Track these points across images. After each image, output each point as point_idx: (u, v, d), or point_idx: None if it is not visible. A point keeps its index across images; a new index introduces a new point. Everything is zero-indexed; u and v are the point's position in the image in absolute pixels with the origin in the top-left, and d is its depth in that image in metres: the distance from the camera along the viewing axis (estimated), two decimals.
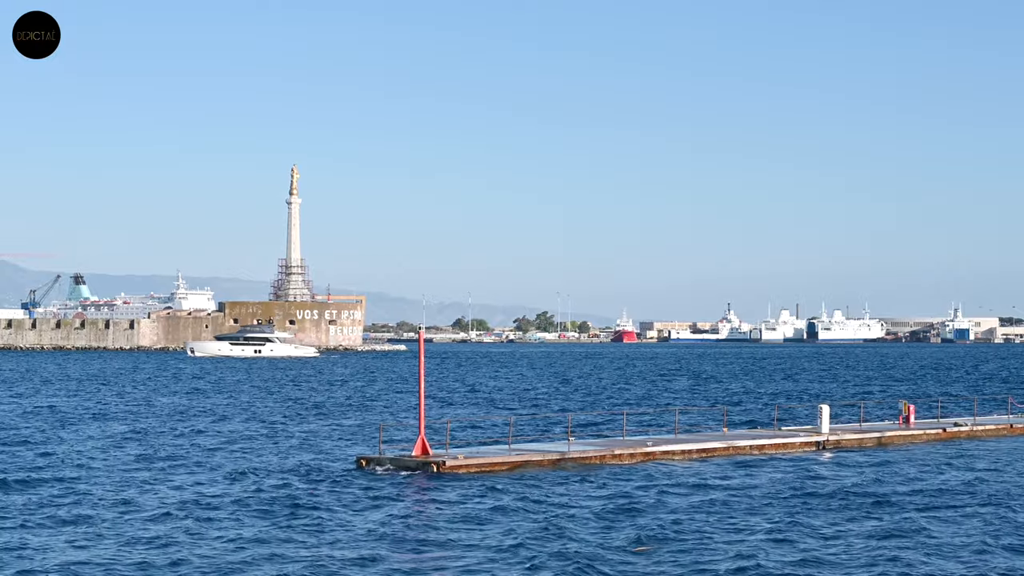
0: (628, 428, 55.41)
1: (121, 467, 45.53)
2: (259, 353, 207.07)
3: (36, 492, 38.68)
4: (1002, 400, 77.91)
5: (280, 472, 43.66)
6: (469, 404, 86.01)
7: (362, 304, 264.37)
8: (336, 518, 33.78)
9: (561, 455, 45.84)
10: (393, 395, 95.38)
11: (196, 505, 35.94)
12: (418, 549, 29.49)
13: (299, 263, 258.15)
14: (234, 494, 38.15)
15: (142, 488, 39.60)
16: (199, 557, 28.38)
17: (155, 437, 57.77)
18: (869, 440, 54.72)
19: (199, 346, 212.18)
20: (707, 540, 30.70)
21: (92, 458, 48.43)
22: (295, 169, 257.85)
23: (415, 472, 42.57)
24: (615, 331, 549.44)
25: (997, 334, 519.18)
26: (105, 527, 32.35)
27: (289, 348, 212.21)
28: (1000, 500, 37.90)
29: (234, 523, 32.97)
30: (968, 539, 31.17)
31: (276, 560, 28.05)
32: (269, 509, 35.26)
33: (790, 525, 32.95)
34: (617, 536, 31.23)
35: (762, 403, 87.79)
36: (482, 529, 32.07)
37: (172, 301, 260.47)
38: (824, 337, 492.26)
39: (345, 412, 75.57)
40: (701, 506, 36.20)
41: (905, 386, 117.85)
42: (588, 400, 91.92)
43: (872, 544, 30.35)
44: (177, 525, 32.59)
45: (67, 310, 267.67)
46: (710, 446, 50.02)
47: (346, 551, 29.15)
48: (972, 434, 58.69)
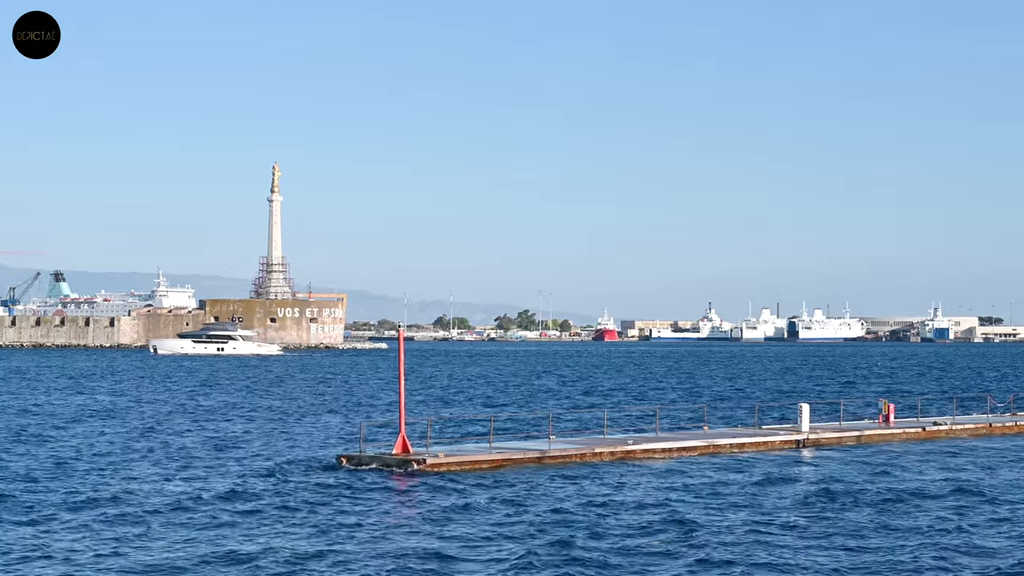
0: (609, 426, 55.44)
1: (91, 468, 45.45)
2: (222, 351, 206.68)
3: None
4: (981, 399, 78.22)
5: (260, 471, 43.60)
6: (451, 403, 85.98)
7: (343, 302, 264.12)
8: (315, 516, 33.75)
9: (542, 453, 45.90)
10: (348, 394, 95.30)
11: (174, 504, 35.88)
12: (395, 547, 29.48)
13: (280, 261, 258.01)
14: (214, 493, 38.09)
15: (116, 489, 39.51)
16: (173, 557, 28.36)
17: (132, 437, 57.66)
18: (849, 439, 54.91)
19: (162, 344, 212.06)
20: (683, 538, 30.78)
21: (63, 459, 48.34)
22: (276, 167, 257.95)
23: (396, 470, 42.60)
24: (596, 330, 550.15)
25: (977, 333, 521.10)
26: (70, 528, 32.31)
27: (252, 346, 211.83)
28: (973, 498, 38.08)
29: (212, 521, 32.92)
30: (939, 538, 31.31)
31: (253, 558, 28.03)
32: (248, 508, 35.21)
33: (766, 523, 33.05)
34: (596, 534, 31.30)
35: (743, 402, 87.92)
36: (460, 527, 32.08)
37: (153, 299, 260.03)
38: (805, 336, 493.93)
39: (327, 410, 75.52)
40: (678, 505, 36.27)
41: (885, 385, 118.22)
42: (571, 399, 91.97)
43: (847, 543, 30.45)
44: (152, 525, 32.55)
45: (47, 307, 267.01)
46: (690, 445, 50.13)
47: (323, 549, 29.12)
48: (951, 433, 58.93)
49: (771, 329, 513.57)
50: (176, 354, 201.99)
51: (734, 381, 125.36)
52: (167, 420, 66.84)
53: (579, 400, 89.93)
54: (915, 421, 61.60)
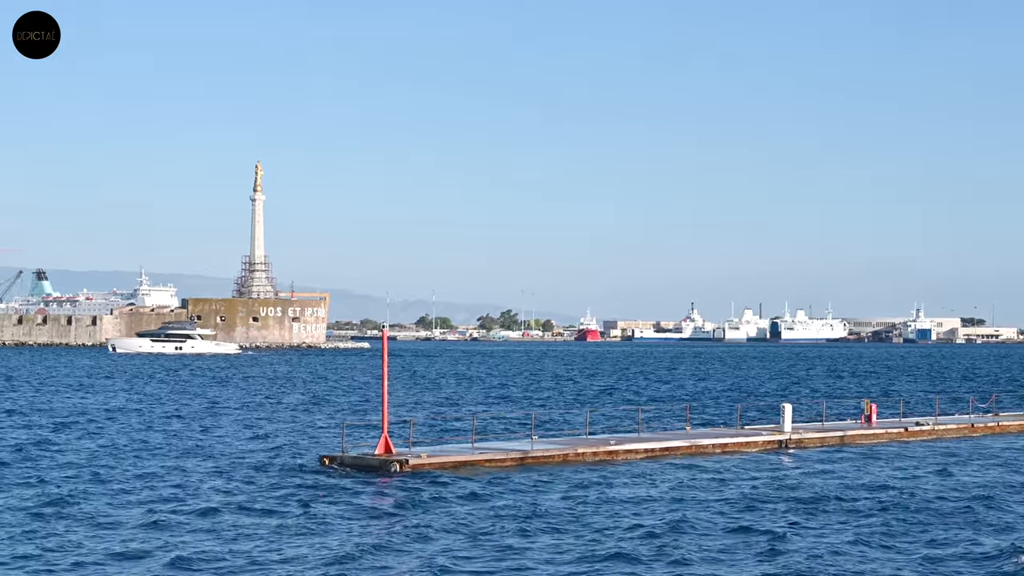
0: (591, 426, 55.45)
1: (66, 467, 45.29)
2: (180, 350, 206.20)
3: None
4: (963, 399, 78.44)
5: (242, 471, 43.48)
6: (432, 403, 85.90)
7: (326, 301, 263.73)
8: (295, 517, 33.66)
9: (524, 454, 45.85)
10: (306, 395, 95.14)
11: (156, 503, 35.78)
12: (374, 548, 29.41)
13: (263, 260, 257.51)
14: (195, 493, 37.99)
15: (94, 493, 39.37)
16: (157, 558, 28.25)
17: (109, 436, 57.47)
18: (831, 439, 54.98)
19: (120, 343, 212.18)
20: (664, 539, 30.77)
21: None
22: (259, 166, 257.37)
23: (378, 471, 42.51)
24: (579, 330, 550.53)
25: (959, 335, 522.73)
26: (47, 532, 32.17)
27: (210, 345, 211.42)
28: (954, 499, 38.15)
29: (192, 521, 32.81)
30: (919, 536, 31.36)
31: (232, 559, 27.93)
32: (229, 509, 35.09)
33: (748, 523, 33.05)
34: (576, 534, 31.26)
35: (725, 402, 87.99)
36: (440, 528, 32.02)
37: (135, 297, 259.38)
38: (787, 337, 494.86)
39: (308, 410, 75.39)
40: (659, 505, 36.26)
41: (867, 385, 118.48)
42: (552, 399, 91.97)
43: (830, 543, 30.48)
44: (137, 526, 32.43)
45: (29, 306, 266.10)
46: (673, 445, 50.11)
47: (303, 550, 29.05)
48: (933, 433, 59.06)
49: (753, 330, 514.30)
50: (135, 353, 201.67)
51: (713, 381, 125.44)
52: (156, 422, 66.61)
53: (605, 400, 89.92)
54: (897, 421, 61.74)
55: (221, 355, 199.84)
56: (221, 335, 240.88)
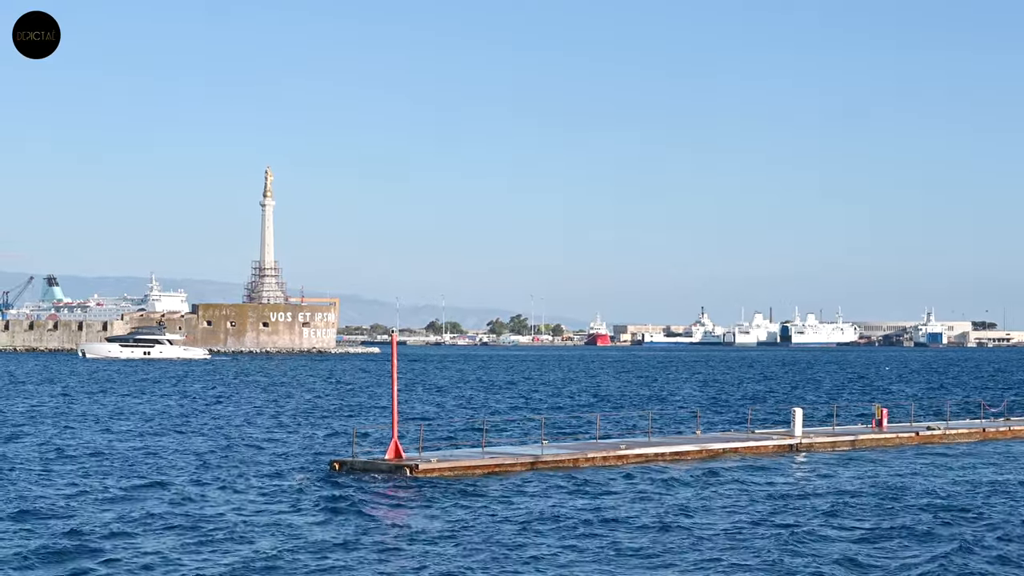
0: (600, 430, 55.40)
1: (75, 475, 45.34)
2: (148, 355, 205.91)
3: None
4: (975, 404, 78.27)
5: (252, 476, 43.50)
6: (441, 407, 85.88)
7: (336, 306, 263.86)
8: (305, 522, 33.66)
9: (535, 458, 45.80)
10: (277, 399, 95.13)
11: (162, 509, 35.78)
12: (386, 552, 29.40)
13: (273, 265, 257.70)
14: (207, 499, 38.00)
15: (100, 499, 39.40)
16: (163, 564, 28.25)
17: (112, 443, 57.53)
18: (842, 443, 54.83)
19: (90, 348, 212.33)
20: (675, 541, 30.71)
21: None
22: (269, 171, 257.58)
23: (388, 475, 42.48)
24: (589, 334, 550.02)
25: (970, 338, 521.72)
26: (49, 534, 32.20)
27: (179, 350, 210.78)
28: (964, 501, 38.05)
29: (203, 527, 32.81)
30: (935, 545, 31.27)
31: (243, 565, 27.92)
32: (240, 513, 35.09)
33: (755, 527, 33.00)
34: (589, 537, 31.22)
35: (736, 406, 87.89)
36: (451, 533, 31.99)
37: (145, 303, 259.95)
38: (797, 341, 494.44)
39: (318, 416, 75.41)
40: (669, 509, 36.20)
41: (879, 389, 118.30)
42: (560, 403, 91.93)
43: (844, 547, 30.41)
44: (141, 533, 32.43)
45: (40, 311, 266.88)
46: (683, 449, 50.03)
47: (314, 554, 29.03)
48: (945, 438, 58.89)
49: (764, 334, 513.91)
50: (103, 358, 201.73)
51: (724, 386, 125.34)
52: (158, 427, 66.69)
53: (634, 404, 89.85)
54: (908, 426, 61.56)
55: (190, 360, 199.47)
56: (232, 341, 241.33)
